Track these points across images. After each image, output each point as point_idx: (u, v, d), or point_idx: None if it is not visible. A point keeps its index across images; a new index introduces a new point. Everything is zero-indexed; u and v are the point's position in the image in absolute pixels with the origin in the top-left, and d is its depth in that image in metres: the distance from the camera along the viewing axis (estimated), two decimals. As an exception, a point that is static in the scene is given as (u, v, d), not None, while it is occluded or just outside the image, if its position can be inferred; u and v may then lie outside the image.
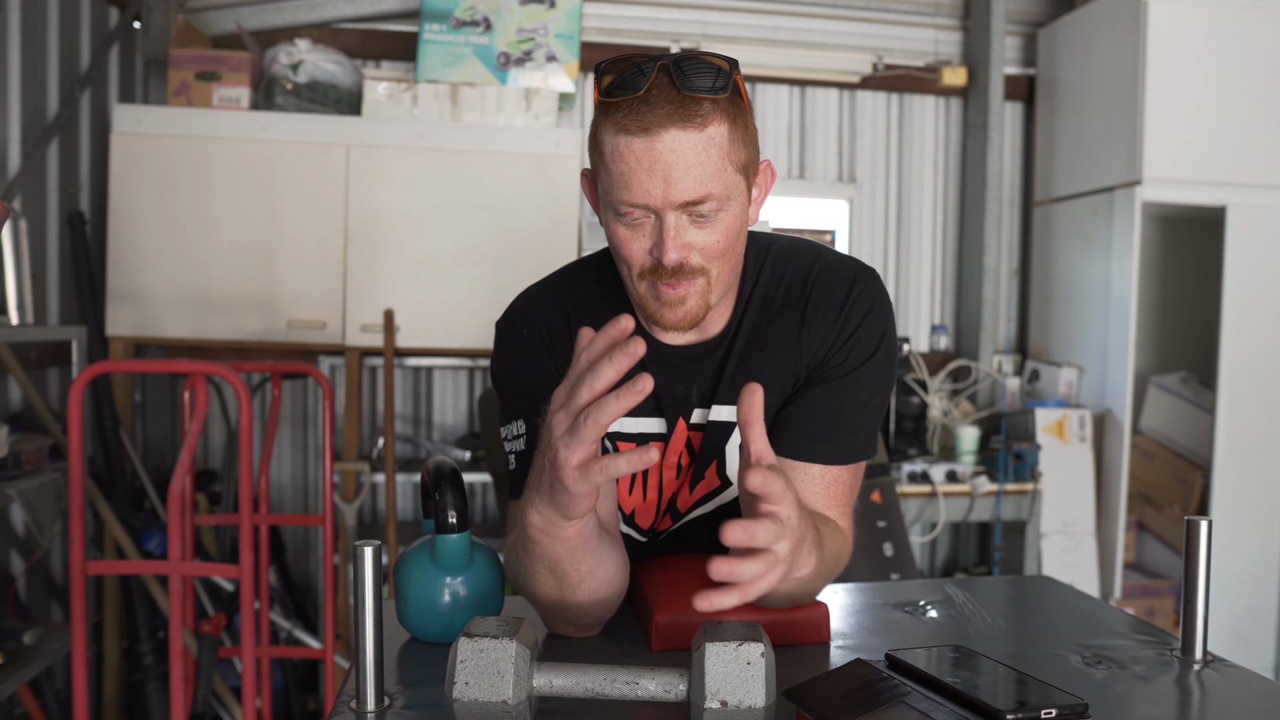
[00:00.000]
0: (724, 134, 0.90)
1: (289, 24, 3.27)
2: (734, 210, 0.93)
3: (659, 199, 0.90)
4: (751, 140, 0.95)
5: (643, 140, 0.88)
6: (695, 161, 0.89)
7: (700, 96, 0.88)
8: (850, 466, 1.02)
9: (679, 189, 0.89)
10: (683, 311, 0.95)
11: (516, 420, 1.05)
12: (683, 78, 0.88)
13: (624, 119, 0.89)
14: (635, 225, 0.93)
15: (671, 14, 3.54)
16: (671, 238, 0.91)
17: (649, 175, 0.89)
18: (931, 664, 0.77)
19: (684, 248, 0.92)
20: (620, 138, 0.90)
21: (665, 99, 0.88)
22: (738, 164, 0.92)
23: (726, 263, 0.96)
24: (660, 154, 0.88)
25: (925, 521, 3.18)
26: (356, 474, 2.94)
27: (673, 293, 0.94)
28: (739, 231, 0.95)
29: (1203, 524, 0.87)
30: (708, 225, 0.92)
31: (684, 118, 0.88)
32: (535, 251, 2.90)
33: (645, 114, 0.88)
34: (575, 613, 0.91)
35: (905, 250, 3.79)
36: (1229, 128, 3.19)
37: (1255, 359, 3.21)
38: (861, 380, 1.02)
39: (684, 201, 0.90)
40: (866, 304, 1.02)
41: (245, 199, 2.83)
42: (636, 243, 0.94)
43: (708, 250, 0.93)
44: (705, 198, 0.90)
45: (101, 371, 1.90)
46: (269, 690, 2.41)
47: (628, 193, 0.90)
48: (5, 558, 2.49)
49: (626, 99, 0.89)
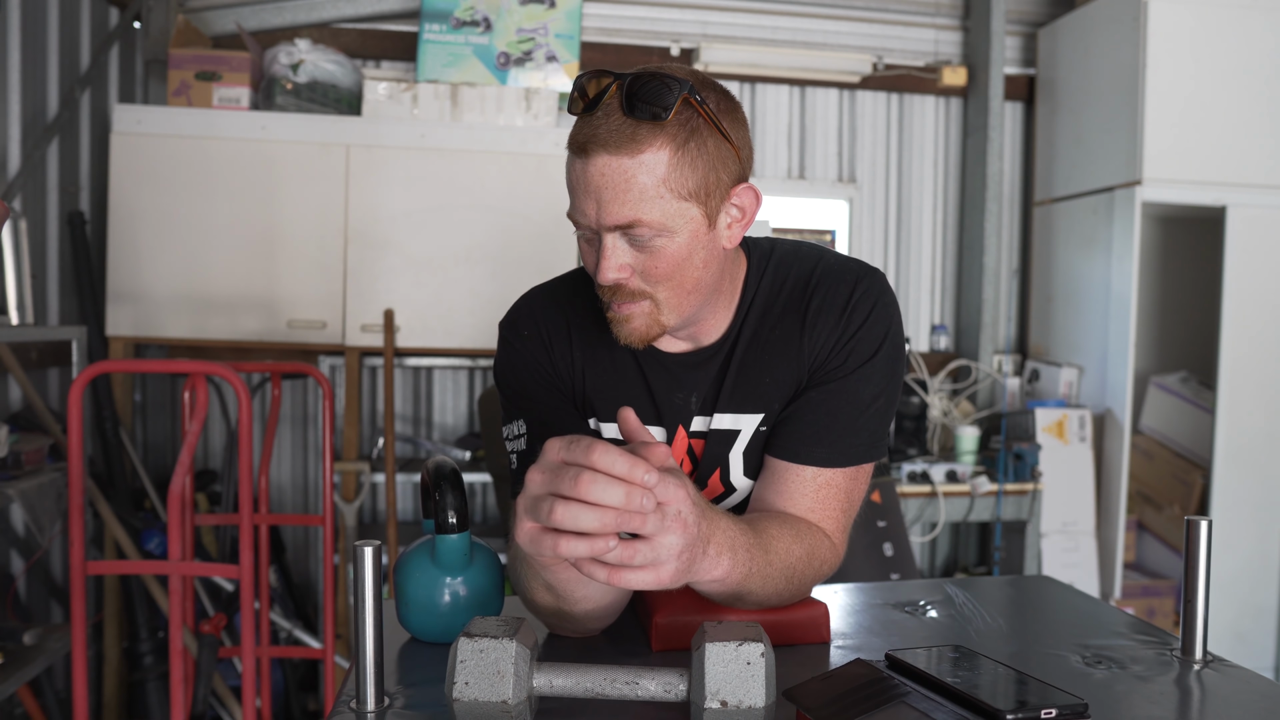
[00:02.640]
0: (663, 160, 0.88)
1: (289, 24, 3.27)
2: (679, 239, 0.92)
3: (592, 219, 0.91)
4: (715, 164, 0.91)
5: (580, 161, 0.90)
6: (624, 187, 0.88)
7: (638, 120, 0.87)
8: (848, 470, 1.00)
9: (607, 212, 0.90)
10: (629, 330, 0.96)
11: (518, 420, 1.06)
12: (627, 102, 0.87)
13: (573, 135, 0.91)
14: (589, 241, 0.96)
15: (671, 14, 3.54)
16: (606, 258, 0.92)
17: (584, 195, 0.91)
18: (931, 664, 0.77)
19: (620, 269, 0.92)
20: (569, 154, 0.92)
21: (606, 120, 0.88)
22: (681, 191, 0.89)
23: (676, 287, 0.94)
24: (591, 176, 0.89)
25: (925, 521, 3.18)
26: (356, 474, 2.94)
27: (619, 311, 0.96)
28: (686, 258, 0.93)
29: (1203, 524, 0.87)
30: (645, 250, 0.92)
31: (616, 143, 0.87)
32: (535, 252, 2.90)
33: (585, 133, 0.89)
34: (575, 622, 0.92)
35: (905, 250, 3.79)
36: (1229, 128, 3.19)
37: (1255, 359, 3.21)
38: (862, 382, 1.00)
39: (613, 225, 0.90)
40: (869, 305, 1.01)
41: (245, 199, 2.83)
42: (590, 257, 0.96)
43: (648, 274, 0.93)
44: (634, 223, 0.89)
45: (101, 371, 1.90)
46: (269, 690, 2.41)
47: (573, 209, 0.93)
48: (5, 558, 2.49)
49: (581, 115, 0.90)
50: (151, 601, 2.73)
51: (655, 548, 0.73)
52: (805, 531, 0.95)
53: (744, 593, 0.87)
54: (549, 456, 0.72)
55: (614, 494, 0.69)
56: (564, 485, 0.69)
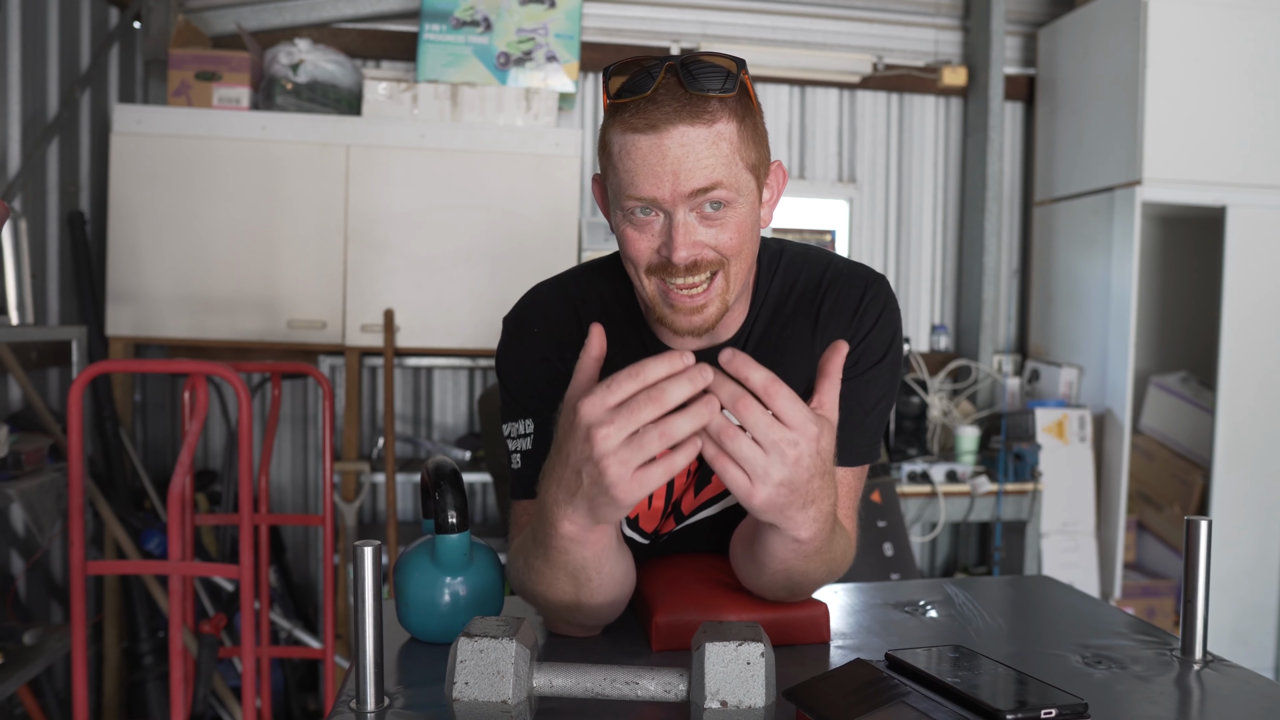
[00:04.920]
0: (733, 131, 0.91)
1: (289, 24, 3.27)
2: (744, 208, 0.93)
3: (668, 192, 0.90)
4: (761, 141, 0.95)
5: (650, 137, 0.89)
6: (705, 153, 0.89)
7: (708, 95, 0.89)
8: (855, 470, 1.03)
9: (688, 179, 0.89)
10: (700, 319, 0.95)
11: (524, 419, 1.05)
12: (690, 78, 0.89)
13: (632, 118, 0.90)
14: (643, 225, 0.93)
15: (671, 14, 3.54)
16: (681, 235, 0.91)
17: (658, 169, 0.89)
18: (931, 664, 0.77)
19: (695, 245, 0.92)
20: (629, 136, 0.90)
21: (673, 97, 0.89)
22: (748, 162, 0.92)
23: (742, 262, 0.95)
24: (669, 149, 0.89)
25: (925, 521, 3.18)
26: (356, 474, 2.94)
27: (690, 301, 0.94)
28: (750, 231, 0.95)
29: (1203, 524, 0.87)
30: (718, 223, 0.92)
31: (692, 114, 0.89)
32: (535, 251, 2.90)
33: (653, 112, 0.89)
34: (588, 614, 0.91)
35: (905, 250, 3.79)
36: (1229, 128, 3.19)
37: (1255, 359, 3.21)
38: (870, 384, 1.03)
39: (694, 190, 0.89)
40: (877, 310, 1.03)
41: (245, 199, 2.83)
42: (644, 241, 0.94)
43: (720, 247, 0.93)
44: (715, 184, 0.90)
45: (101, 371, 1.90)
46: (269, 690, 2.41)
47: (635, 188, 0.91)
48: (5, 558, 2.49)
49: (634, 99, 0.90)
50: (151, 601, 2.73)
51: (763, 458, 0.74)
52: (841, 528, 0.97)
53: (800, 572, 0.88)
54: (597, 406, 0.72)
55: (681, 389, 0.71)
56: (644, 412, 0.71)
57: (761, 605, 0.94)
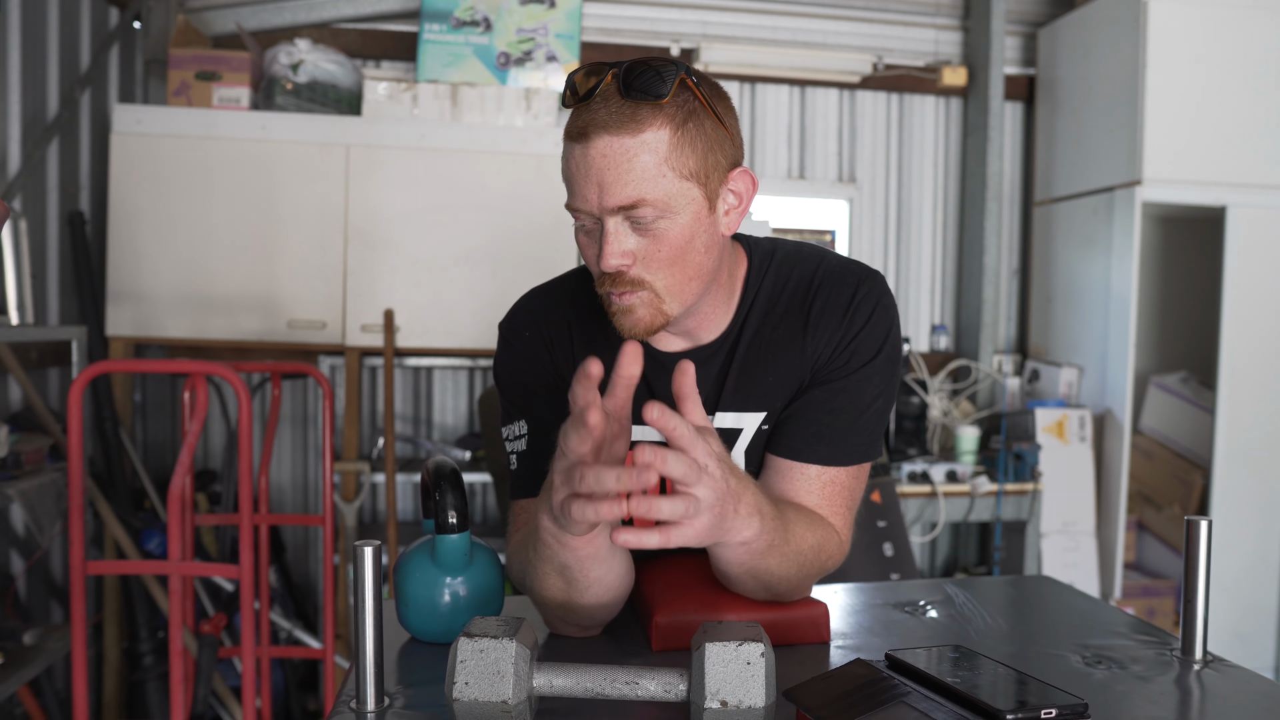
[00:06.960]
0: (664, 140, 0.89)
1: (289, 24, 3.27)
2: (681, 220, 0.92)
3: (594, 204, 0.91)
4: (713, 146, 0.93)
5: (580, 146, 0.90)
6: (625, 166, 0.89)
7: (636, 102, 0.89)
8: (850, 469, 1.02)
9: (610, 194, 0.90)
10: (632, 320, 0.95)
11: (518, 421, 1.07)
12: (624, 86, 0.89)
13: (570, 125, 0.92)
14: (589, 232, 0.95)
15: (671, 14, 3.54)
16: (609, 244, 0.92)
17: (586, 181, 0.91)
18: (931, 664, 0.77)
19: (624, 254, 0.92)
20: (567, 144, 0.93)
21: (605, 105, 0.89)
22: (683, 171, 0.91)
23: (679, 273, 0.94)
24: (593, 160, 0.89)
25: (925, 521, 3.18)
26: (356, 474, 2.94)
27: (619, 301, 0.95)
28: (689, 241, 0.93)
29: (1203, 524, 0.87)
30: (648, 233, 0.92)
31: (617, 124, 0.88)
32: (535, 252, 2.90)
33: (584, 119, 0.90)
34: (581, 614, 0.92)
35: (905, 250, 3.79)
36: (1229, 128, 3.19)
37: (1255, 359, 3.21)
38: (863, 382, 1.01)
39: (615, 206, 0.90)
40: (870, 307, 1.02)
41: (245, 199, 2.83)
42: (590, 249, 0.96)
43: (650, 259, 0.93)
44: (638, 203, 0.90)
45: (101, 371, 1.90)
46: (269, 690, 2.41)
47: (572, 197, 0.93)
48: (5, 558, 2.49)
49: (576, 105, 0.91)
50: (151, 601, 2.73)
51: (687, 501, 0.75)
52: (817, 522, 0.97)
53: (763, 569, 0.89)
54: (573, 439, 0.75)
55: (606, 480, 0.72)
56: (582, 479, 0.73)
57: (761, 605, 0.94)
